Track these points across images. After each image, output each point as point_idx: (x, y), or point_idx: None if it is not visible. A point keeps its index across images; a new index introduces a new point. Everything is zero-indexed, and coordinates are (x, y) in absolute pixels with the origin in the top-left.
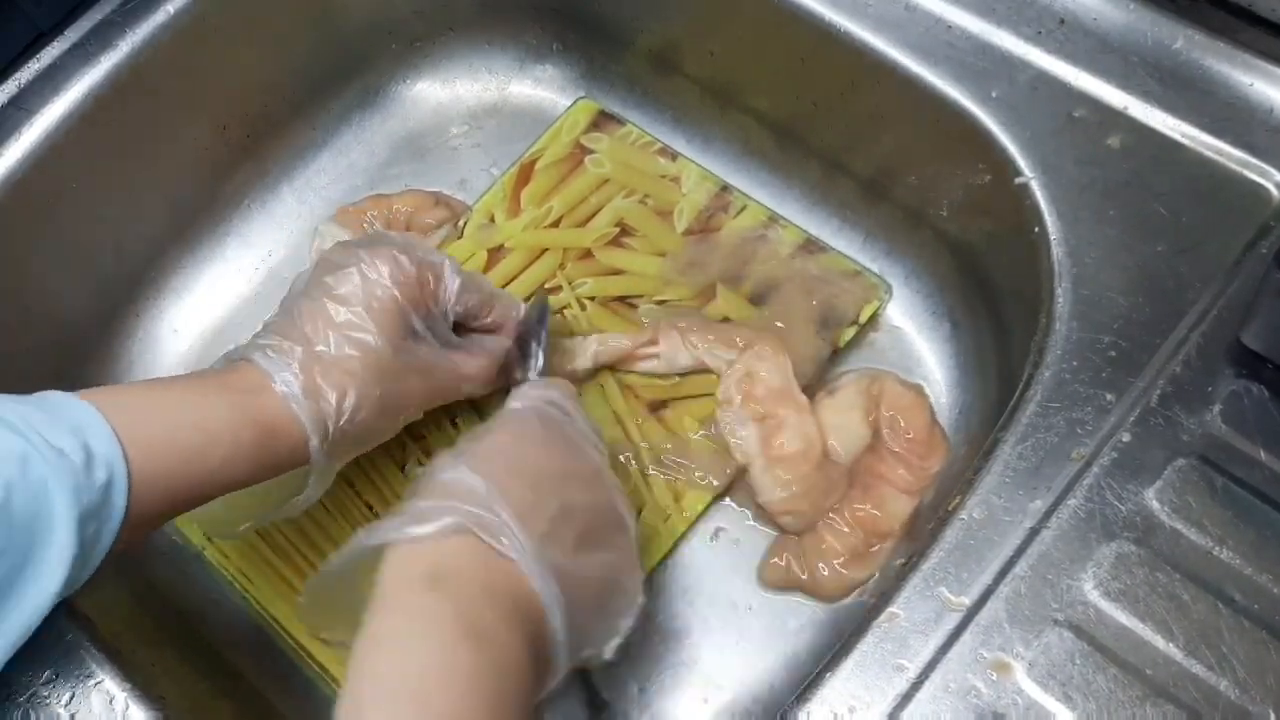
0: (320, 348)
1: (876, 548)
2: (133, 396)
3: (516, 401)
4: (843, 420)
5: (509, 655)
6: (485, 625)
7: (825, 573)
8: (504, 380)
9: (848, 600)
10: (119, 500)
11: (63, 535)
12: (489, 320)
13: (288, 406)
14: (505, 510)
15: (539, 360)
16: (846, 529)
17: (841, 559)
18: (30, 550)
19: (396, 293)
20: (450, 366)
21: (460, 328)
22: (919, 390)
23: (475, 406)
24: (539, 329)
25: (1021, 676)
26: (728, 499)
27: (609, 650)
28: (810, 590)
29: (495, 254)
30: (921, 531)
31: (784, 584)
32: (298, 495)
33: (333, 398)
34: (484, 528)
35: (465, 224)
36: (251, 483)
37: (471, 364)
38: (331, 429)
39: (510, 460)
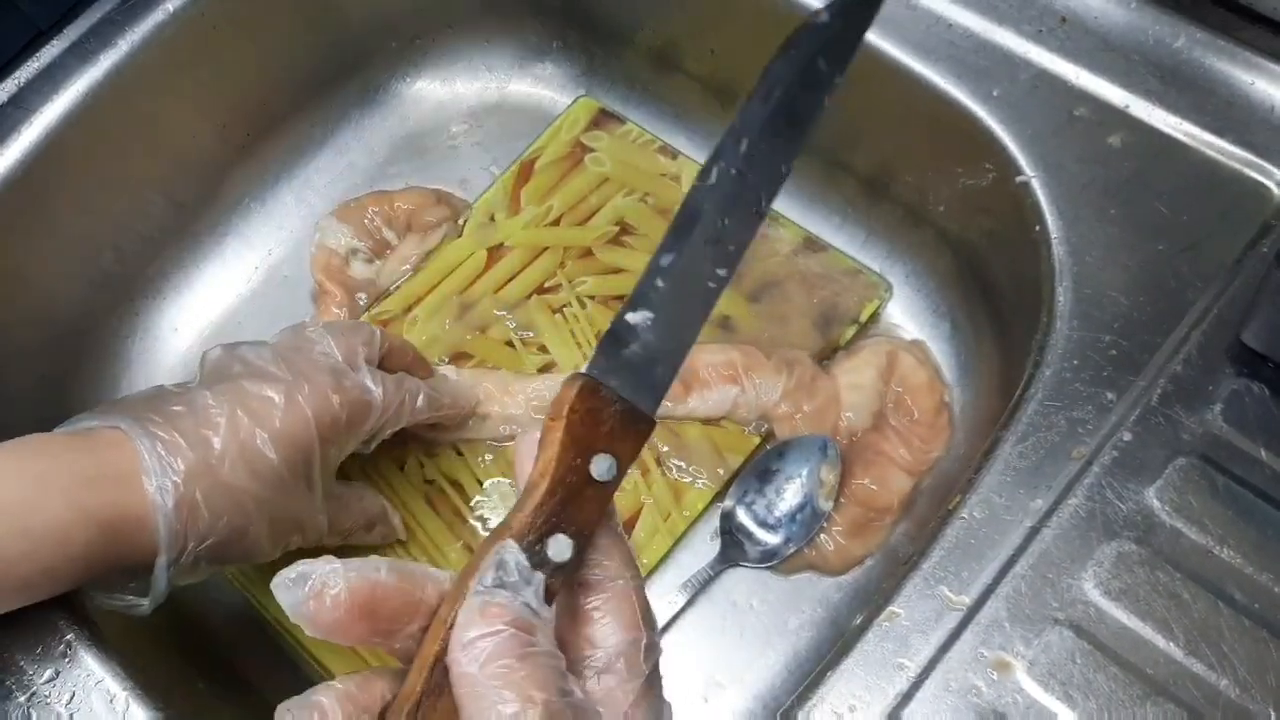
0: (214, 461)
1: (876, 523)
2: None
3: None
4: (858, 380)
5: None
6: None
7: (830, 546)
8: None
9: (849, 594)
10: None
11: None
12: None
13: (149, 511)
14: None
15: None
16: (844, 500)
17: (841, 529)
18: None
19: (314, 430)
20: (319, 524)
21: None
22: (935, 373)
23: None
24: None
25: (1022, 675)
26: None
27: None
28: (817, 565)
29: (495, 252)
30: (920, 512)
31: (793, 562)
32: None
33: (204, 520)
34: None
35: (465, 222)
36: (83, 584)
37: (340, 520)
38: (190, 549)
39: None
